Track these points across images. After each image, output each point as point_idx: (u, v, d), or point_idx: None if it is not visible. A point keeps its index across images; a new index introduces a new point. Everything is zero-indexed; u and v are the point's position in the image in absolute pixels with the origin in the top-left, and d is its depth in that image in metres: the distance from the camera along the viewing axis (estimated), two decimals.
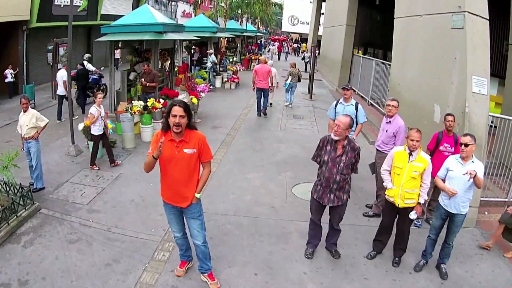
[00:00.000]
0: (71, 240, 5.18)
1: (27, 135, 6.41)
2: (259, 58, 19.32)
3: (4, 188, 5.78)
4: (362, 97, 15.65)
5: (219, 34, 16.95)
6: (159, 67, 11.20)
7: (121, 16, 23.01)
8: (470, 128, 5.94)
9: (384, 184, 4.70)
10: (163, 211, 5.41)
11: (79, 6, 18.45)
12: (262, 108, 11.95)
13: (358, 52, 20.77)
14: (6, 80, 14.32)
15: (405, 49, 9.42)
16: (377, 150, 6.07)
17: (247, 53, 24.72)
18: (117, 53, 17.01)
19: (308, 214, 5.00)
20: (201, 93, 10.57)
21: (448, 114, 5.48)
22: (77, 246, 5.06)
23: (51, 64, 14.66)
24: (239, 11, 25.92)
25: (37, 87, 16.06)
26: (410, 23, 9.04)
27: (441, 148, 5.45)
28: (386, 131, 5.83)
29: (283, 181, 7.33)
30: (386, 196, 4.69)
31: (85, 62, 13.63)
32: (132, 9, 25.10)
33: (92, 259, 4.81)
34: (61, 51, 16.92)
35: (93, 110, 7.34)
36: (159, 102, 9.08)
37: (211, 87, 16.06)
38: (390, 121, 5.80)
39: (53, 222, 5.61)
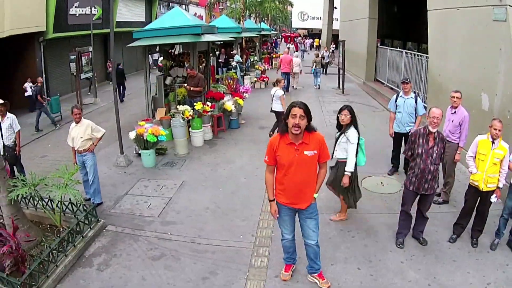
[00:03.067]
0: (154, 257, 4.70)
1: (82, 148, 5.94)
2: (280, 55, 19.95)
3: (63, 206, 5.27)
4: (392, 88, 15.09)
5: (243, 34, 16.47)
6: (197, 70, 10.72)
7: (135, 22, 23.13)
8: None
9: (469, 169, 4.89)
10: (244, 216, 5.00)
11: (95, 14, 18.48)
12: (285, 87, 14.03)
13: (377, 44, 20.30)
14: (26, 94, 13.86)
15: (445, 41, 9.13)
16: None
17: (266, 52, 24.25)
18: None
19: (384, 206, 5.53)
20: (245, 94, 10.08)
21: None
22: (163, 262, 4.59)
23: (74, 74, 14.29)
24: (254, 9, 25.50)
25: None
26: (448, 15, 8.77)
27: None
28: (452, 121, 5.84)
29: None
30: (470, 181, 4.89)
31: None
32: (145, 15, 24.95)
33: (185, 274, 4.34)
34: (83, 60, 16.64)
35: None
36: (207, 105, 8.59)
37: (241, 86, 15.63)
38: (455, 112, 5.82)
39: (125, 239, 5.14)
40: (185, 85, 9.12)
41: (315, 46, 33.32)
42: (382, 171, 7.16)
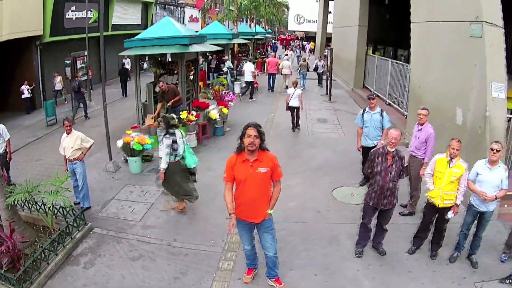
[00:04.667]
0: (133, 258, 5.38)
1: (72, 157, 6.56)
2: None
3: (54, 210, 5.91)
4: (379, 96, 15.76)
5: (235, 41, 17.11)
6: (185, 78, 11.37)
7: (131, 25, 23.73)
8: (491, 130, 6.45)
9: (427, 186, 5.21)
10: (217, 222, 5.63)
11: (90, 18, 19.02)
12: (271, 87, 17.54)
13: (368, 49, 20.95)
14: (23, 96, 14.62)
15: (426, 53, 9.63)
16: (411, 155, 6.42)
17: (259, 56, 24.90)
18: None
19: (350, 216, 5.91)
20: (230, 103, 10.75)
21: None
22: (141, 263, 5.27)
23: (69, 78, 14.96)
24: (248, 13, 26.10)
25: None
26: (429, 28, 9.27)
27: None
28: (418, 137, 6.26)
29: (323, 186, 7.56)
30: (427, 197, 5.19)
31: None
32: (141, 18, 25.53)
33: (160, 274, 5.01)
34: (79, 64, 17.26)
35: None
36: (192, 114, 9.26)
37: (230, 92, 16.31)
38: (421, 129, 6.25)
39: (109, 241, 5.81)
40: (160, 106, 9.78)
41: (312, 51, 33.96)
42: (354, 181, 7.70)
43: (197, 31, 25.40)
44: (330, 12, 30.02)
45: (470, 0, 7.41)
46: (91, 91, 16.94)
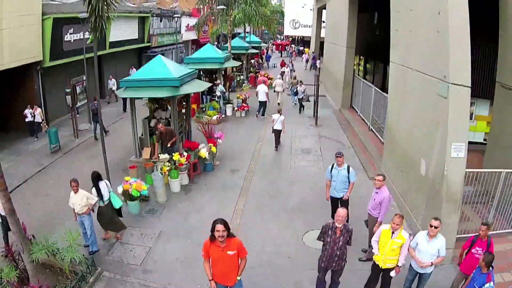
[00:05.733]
0: None
1: (81, 212, 8.00)
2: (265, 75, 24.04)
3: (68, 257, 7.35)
4: (363, 119, 17.22)
5: (226, 65, 18.52)
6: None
7: (128, 40, 25.04)
8: (448, 186, 7.48)
9: (373, 251, 6.49)
10: (203, 267, 6.93)
11: (88, 38, 20.29)
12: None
13: (359, 61, 22.28)
14: (27, 120, 16.06)
15: (400, 95, 10.67)
16: (368, 213, 7.80)
17: (253, 69, 26.35)
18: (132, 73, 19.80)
19: (315, 262, 6.65)
20: (219, 140, 12.22)
21: (483, 224, 6.32)
22: None
23: (70, 105, 16.38)
24: (244, 25, 27.44)
25: (55, 122, 17.93)
26: (404, 72, 10.17)
27: (473, 250, 6.58)
28: (374, 199, 7.55)
29: (296, 229, 8.98)
30: (374, 258, 6.43)
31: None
32: (138, 32, 26.80)
33: None
34: (78, 89, 18.62)
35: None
36: (183, 156, 10.75)
37: (222, 116, 17.83)
38: (377, 192, 7.50)
39: (117, 284, 7.30)
40: (157, 146, 11.31)
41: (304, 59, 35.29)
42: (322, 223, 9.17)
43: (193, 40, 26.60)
44: (323, 22, 31.41)
45: (439, 57, 8.01)
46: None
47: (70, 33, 18.98)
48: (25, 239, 7.04)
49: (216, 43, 31.95)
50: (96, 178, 8.21)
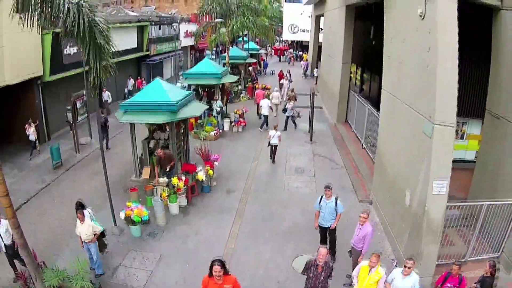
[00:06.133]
0: None
1: (87, 240, 8.86)
2: (262, 86, 25.21)
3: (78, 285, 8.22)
4: (357, 136, 18.04)
5: (224, 80, 19.35)
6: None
7: (127, 50, 25.81)
8: (428, 221, 8.23)
9: (353, 283, 7.40)
10: None
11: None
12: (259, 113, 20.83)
13: (357, 70, 23.04)
14: (28, 134, 16.85)
15: (389, 123, 11.26)
16: (352, 246, 8.65)
17: (250, 81, 27.24)
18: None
19: (301, 286, 7.42)
20: (215, 162, 13.08)
21: (456, 263, 7.36)
22: None
23: (71, 122, 17.18)
24: (242, 33, 28.28)
25: (56, 135, 18.73)
26: (394, 102, 10.62)
27: (445, 286, 7.53)
28: (358, 234, 8.39)
29: (287, 253, 9.84)
30: None
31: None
32: (137, 42, 27.57)
33: None
34: (78, 104, 19.36)
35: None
36: (181, 180, 11.60)
37: (220, 131, 18.70)
38: (361, 228, 8.35)
39: None
40: (157, 170, 12.14)
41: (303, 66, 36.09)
42: (314, 248, 9.66)
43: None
44: (321, 29, 32.22)
45: (427, 95, 8.40)
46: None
47: (70, 46, 19.64)
48: (38, 268, 7.91)
49: (215, 48, 32.78)
50: (79, 207, 9.04)
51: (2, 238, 8.65)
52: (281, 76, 28.49)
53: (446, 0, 7.89)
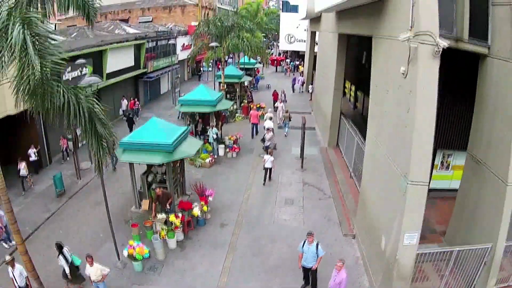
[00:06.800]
0: None
1: (96, 280, 10.47)
2: (257, 106, 27.51)
3: None
4: (346, 164, 19.55)
5: (218, 107, 20.88)
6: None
7: (124, 69, 27.32)
8: (399, 269, 9.29)
9: None
10: None
11: (86, 74, 22.55)
12: (254, 132, 24.14)
13: (351, 87, 24.48)
14: (31, 159, 18.39)
15: (373, 167, 12.21)
16: None
17: (245, 100, 28.83)
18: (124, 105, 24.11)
19: None
20: (209, 198, 14.68)
21: None
22: None
23: (72, 151, 18.70)
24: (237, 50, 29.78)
25: (58, 157, 20.22)
26: (377, 145, 11.59)
27: None
28: (335, 280, 9.92)
29: None
30: None
31: None
32: (134, 60, 29.06)
33: None
34: (78, 131, 20.82)
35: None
36: (178, 217, 13.19)
37: (215, 156, 20.30)
38: (337, 274, 9.88)
39: None
40: (155, 207, 13.72)
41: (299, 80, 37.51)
42: (297, 286, 11.40)
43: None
44: (316, 44, 33.77)
45: (403, 152, 9.14)
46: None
47: (68, 72, 20.88)
48: None
49: (211, 63, 34.34)
50: (59, 248, 10.75)
51: (16, 281, 10.21)
52: (275, 96, 29.81)
53: (427, 62, 8.46)
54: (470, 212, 10.54)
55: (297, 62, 47.54)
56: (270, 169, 17.91)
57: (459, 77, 10.80)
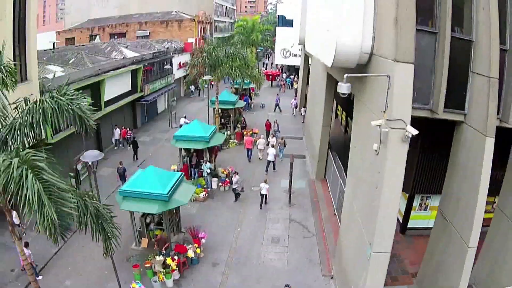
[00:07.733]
0: None
1: None
2: (250, 132, 30.22)
3: None
4: (331, 198, 21.96)
5: (212, 143, 23.28)
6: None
7: (121, 95, 29.61)
8: None
9: None
10: None
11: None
12: (249, 157, 27.45)
13: (342, 111, 26.70)
14: None
15: (349, 220, 13.65)
16: None
17: (239, 126, 31.28)
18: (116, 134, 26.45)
19: None
20: (202, 240, 17.19)
21: None
22: None
23: (75, 187, 21.04)
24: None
25: None
26: (352, 203, 13.03)
27: None
28: None
29: None
30: None
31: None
32: (131, 85, 31.35)
33: None
34: (79, 166, 23.18)
35: None
36: (174, 260, 15.70)
37: (208, 190, 22.79)
38: None
39: None
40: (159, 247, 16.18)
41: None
42: None
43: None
44: (309, 65, 36.14)
45: (371, 221, 10.13)
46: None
47: None
48: None
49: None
50: None
51: None
52: (268, 126, 31.20)
53: (397, 147, 9.33)
54: (437, 262, 11.67)
55: (292, 76, 49.75)
56: (266, 195, 21.31)
57: (437, 129, 11.47)
